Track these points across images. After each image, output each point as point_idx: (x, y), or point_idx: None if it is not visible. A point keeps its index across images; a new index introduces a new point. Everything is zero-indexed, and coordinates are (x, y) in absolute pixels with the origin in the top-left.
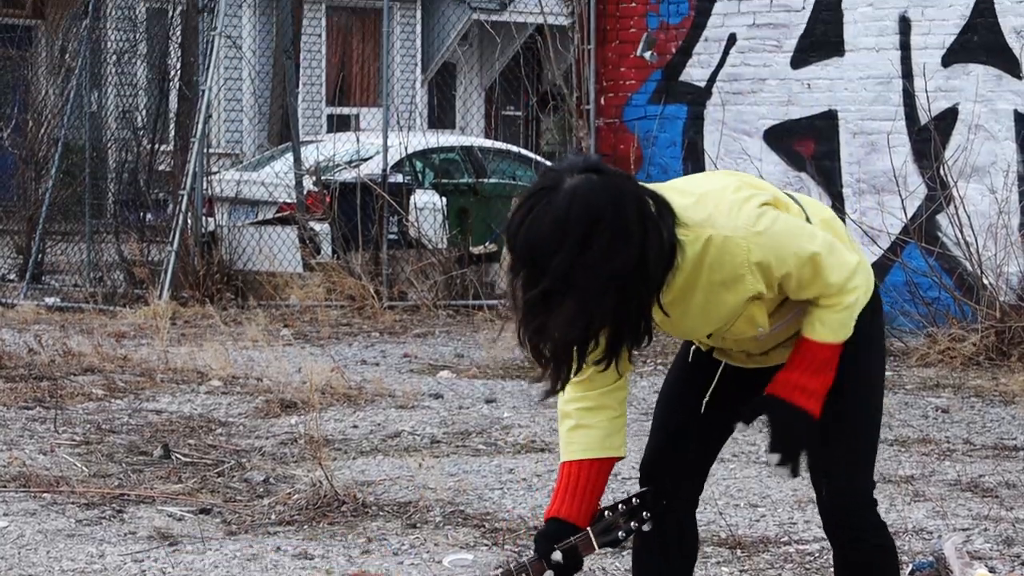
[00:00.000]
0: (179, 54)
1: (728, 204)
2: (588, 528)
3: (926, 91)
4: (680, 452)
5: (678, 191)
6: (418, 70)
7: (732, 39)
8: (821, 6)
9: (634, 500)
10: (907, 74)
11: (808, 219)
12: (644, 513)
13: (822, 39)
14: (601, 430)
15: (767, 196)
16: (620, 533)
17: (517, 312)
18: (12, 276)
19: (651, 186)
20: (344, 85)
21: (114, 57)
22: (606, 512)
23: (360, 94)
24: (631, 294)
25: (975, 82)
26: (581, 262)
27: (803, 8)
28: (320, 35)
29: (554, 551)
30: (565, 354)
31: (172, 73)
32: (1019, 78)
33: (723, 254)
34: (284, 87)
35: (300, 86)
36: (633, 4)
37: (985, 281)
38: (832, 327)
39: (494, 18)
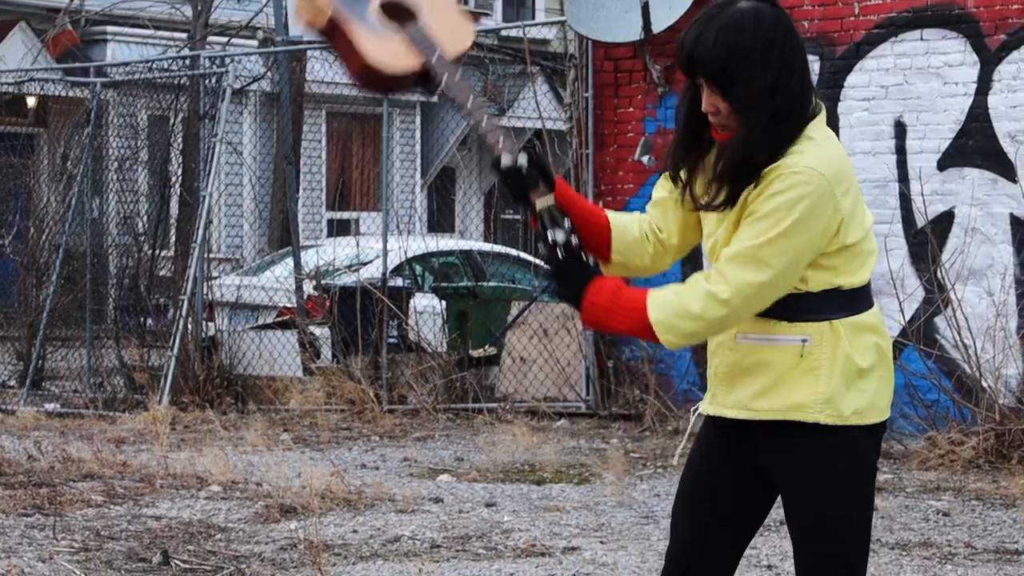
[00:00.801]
0: (180, 160)
1: (831, 155)
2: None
3: (922, 195)
4: (705, 554)
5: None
6: (417, 175)
7: None
8: None
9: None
10: (903, 178)
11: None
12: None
13: None
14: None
15: (849, 202)
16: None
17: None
18: (12, 382)
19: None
20: (344, 190)
21: (115, 164)
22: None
23: (360, 199)
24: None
25: (971, 186)
26: (766, 77)
27: None
28: (320, 140)
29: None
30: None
31: (173, 179)
32: (1014, 182)
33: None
34: (284, 192)
35: (300, 191)
36: (631, 109)
37: (984, 384)
38: (669, 311)
39: None
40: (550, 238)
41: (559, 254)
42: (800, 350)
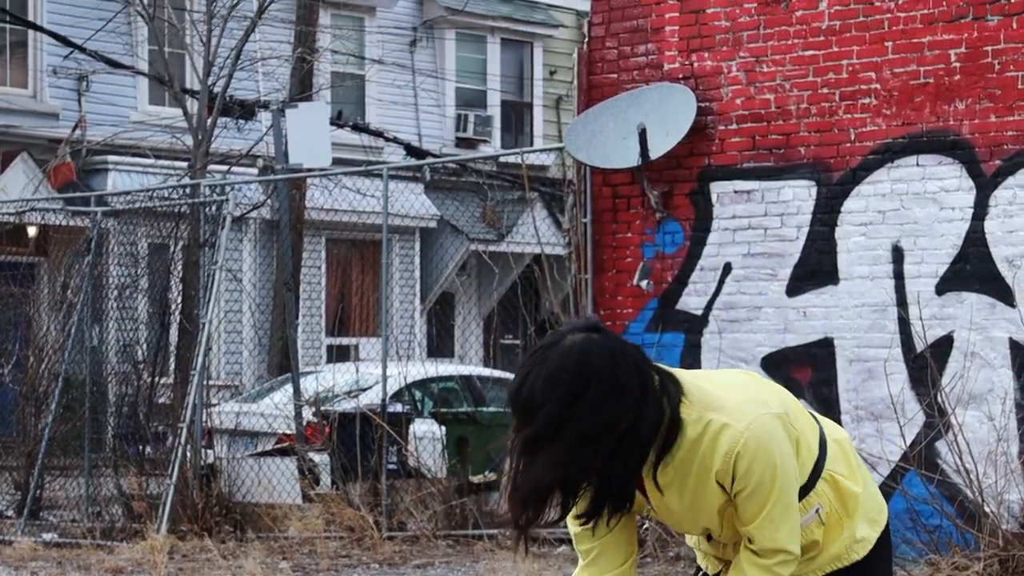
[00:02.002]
0: (180, 288)
1: (739, 399)
2: None
3: (921, 319)
4: None
5: (698, 376)
6: (417, 300)
7: (727, 268)
8: (815, 235)
9: None
10: (902, 302)
11: (823, 437)
12: None
13: (816, 268)
14: None
15: (779, 409)
16: None
17: (508, 460)
18: (10, 512)
19: (668, 368)
20: (343, 315)
21: (115, 292)
22: None
23: (359, 324)
24: (619, 453)
25: (969, 310)
26: (569, 413)
27: (797, 238)
28: (320, 267)
29: None
30: (537, 497)
31: (173, 306)
32: (1013, 306)
33: (717, 442)
34: (284, 318)
35: (300, 317)
36: (629, 234)
37: (986, 509)
38: None
39: (492, 248)
40: None
41: None
42: (819, 520)
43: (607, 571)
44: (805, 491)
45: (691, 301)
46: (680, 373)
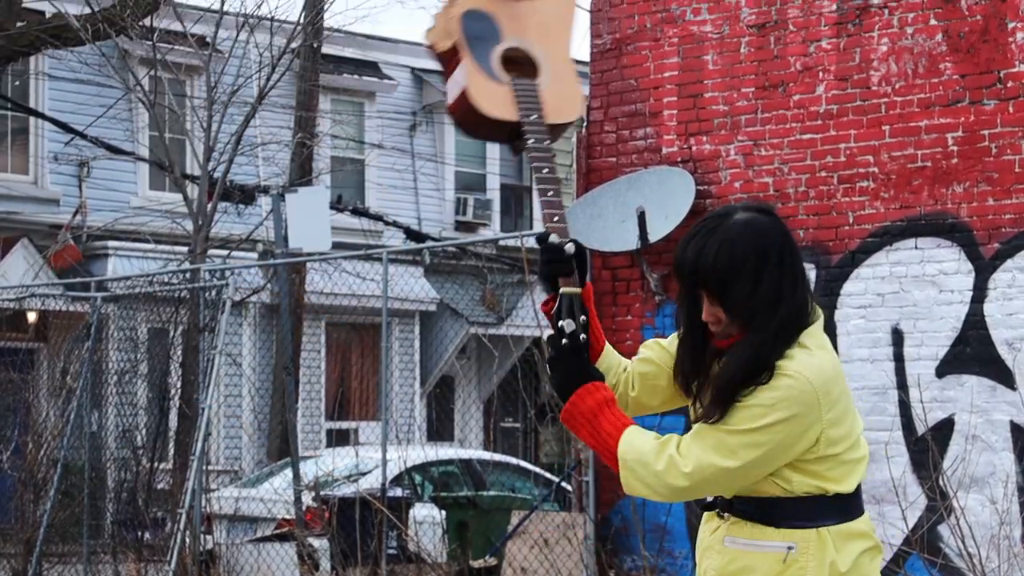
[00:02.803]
0: (179, 373)
1: (821, 365)
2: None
3: (922, 402)
4: None
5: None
6: (417, 384)
7: None
8: None
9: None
10: (902, 385)
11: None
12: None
13: None
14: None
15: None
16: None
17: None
18: None
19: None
20: (343, 399)
21: (115, 377)
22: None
23: (359, 408)
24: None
25: (970, 393)
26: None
27: None
28: (320, 351)
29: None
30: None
31: (172, 392)
32: (1013, 389)
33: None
34: (283, 403)
35: (299, 401)
36: (629, 317)
37: None
38: (635, 454)
39: (492, 332)
40: (561, 323)
41: (563, 342)
42: (784, 556)
43: (626, 370)
44: (799, 520)
45: None
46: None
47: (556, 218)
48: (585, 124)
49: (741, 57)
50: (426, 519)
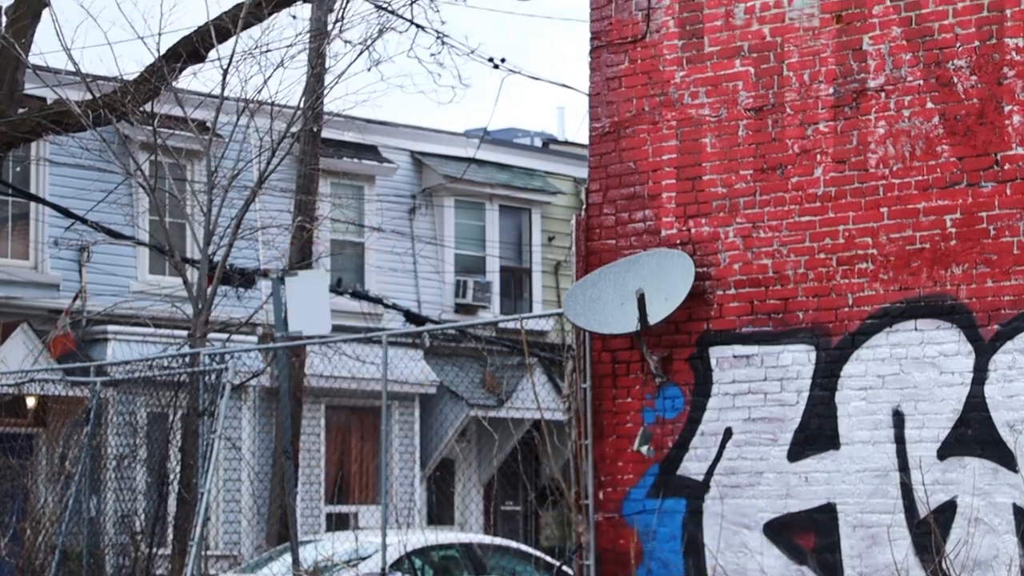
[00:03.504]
0: (179, 457)
1: None
2: None
3: (923, 484)
4: None
5: None
6: (416, 467)
7: (728, 433)
8: (815, 400)
9: None
10: (904, 467)
11: None
12: None
13: (817, 432)
14: None
15: None
16: None
17: None
18: None
19: None
20: (343, 483)
21: (114, 462)
22: None
23: (359, 492)
24: None
25: (972, 475)
26: None
27: (797, 402)
28: (319, 434)
29: None
30: None
31: (171, 476)
32: (1015, 471)
33: None
34: (283, 487)
35: (299, 485)
36: (629, 400)
37: None
38: None
39: (491, 414)
40: None
41: None
42: None
43: None
44: None
45: (692, 466)
46: None
47: None
48: (584, 207)
49: (739, 140)
50: None
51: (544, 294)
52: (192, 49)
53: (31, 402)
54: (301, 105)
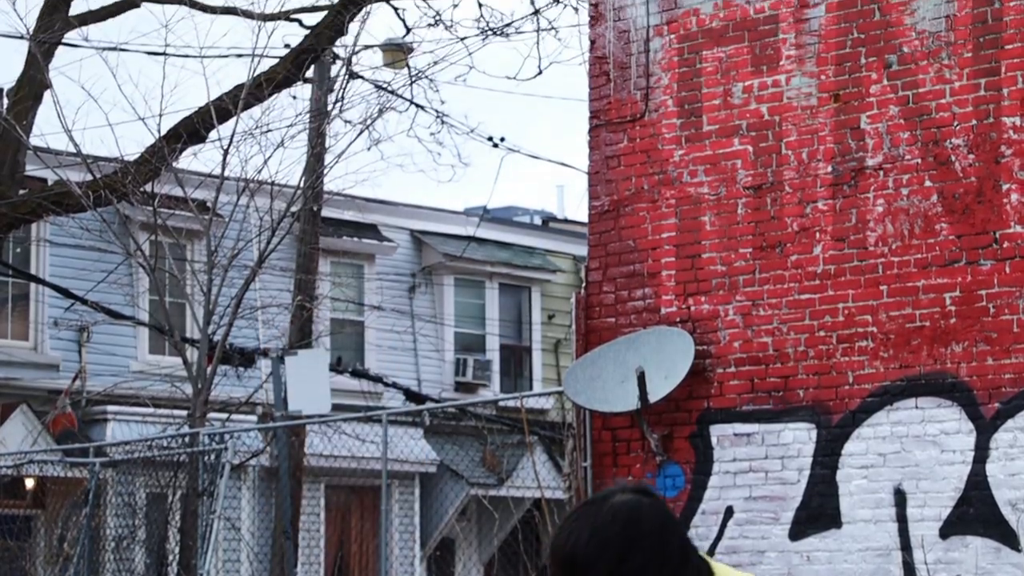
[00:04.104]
0: (178, 538)
1: None
2: None
3: (926, 563)
4: None
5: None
6: (417, 546)
7: (729, 511)
8: (816, 478)
9: None
10: (906, 546)
11: None
12: None
13: (819, 511)
14: None
15: None
16: None
17: None
18: None
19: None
20: (343, 563)
21: (113, 544)
22: None
23: (359, 572)
24: None
25: (974, 554)
26: (616, 573)
27: (798, 481)
28: (319, 514)
29: None
30: None
31: (171, 557)
32: (1018, 551)
33: None
34: (283, 568)
35: (299, 565)
36: (630, 478)
37: None
38: None
39: (492, 493)
40: None
41: None
42: None
43: None
44: None
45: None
46: (712, 561)
47: None
48: (584, 285)
49: (738, 218)
50: None
51: (544, 372)
52: (193, 130)
53: (30, 483)
54: (301, 184)
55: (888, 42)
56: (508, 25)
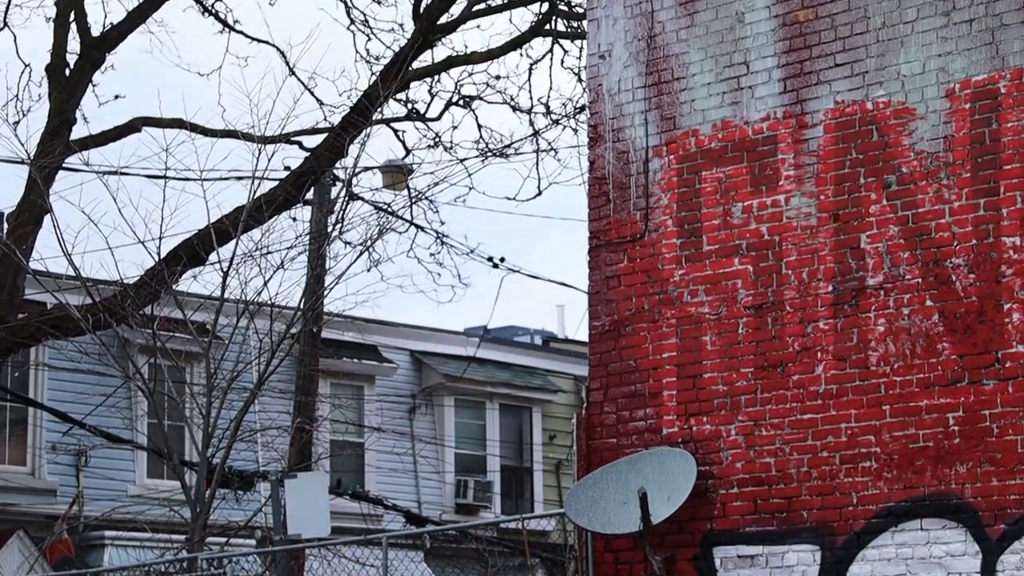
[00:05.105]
0: None
1: None
2: None
3: None
4: None
5: None
6: None
7: None
8: None
9: None
10: None
11: None
12: None
13: None
14: None
15: None
16: None
17: None
18: None
19: None
20: None
21: None
22: None
23: None
24: None
25: None
26: None
27: None
28: None
29: None
30: None
31: None
32: None
33: None
34: None
35: None
36: None
37: None
38: None
39: None
40: None
41: None
42: None
43: None
44: None
45: None
46: None
47: None
48: (585, 405)
49: (739, 337)
50: None
51: (545, 493)
52: (192, 252)
53: None
54: (301, 306)
55: (887, 162)
56: (508, 146)
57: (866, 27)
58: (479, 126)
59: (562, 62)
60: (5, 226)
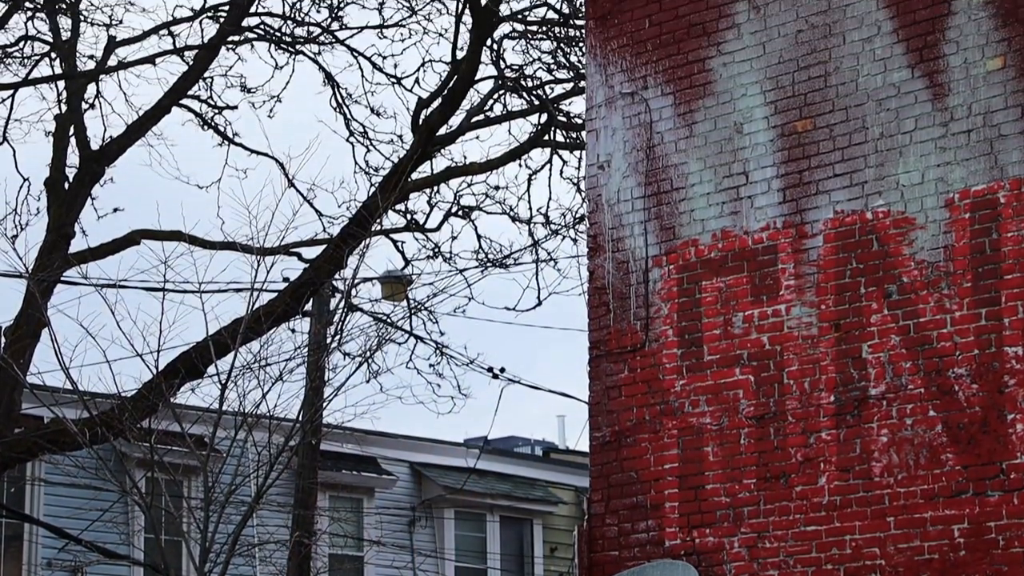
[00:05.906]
0: None
1: None
2: None
3: None
4: None
5: None
6: None
7: None
8: None
9: None
10: None
11: None
12: None
13: None
14: None
15: None
16: None
17: None
18: None
19: None
20: None
21: None
22: None
23: None
24: None
25: None
26: None
27: None
28: None
29: None
30: None
31: None
32: None
33: None
34: None
35: None
36: None
37: None
38: None
39: None
40: None
41: None
42: None
43: None
44: None
45: None
46: None
47: None
48: (586, 517)
49: (741, 448)
50: None
51: None
52: (191, 365)
53: None
54: (300, 418)
55: (887, 272)
56: (507, 257)
57: (865, 137)
58: (478, 236)
59: (561, 172)
60: (2, 340)
